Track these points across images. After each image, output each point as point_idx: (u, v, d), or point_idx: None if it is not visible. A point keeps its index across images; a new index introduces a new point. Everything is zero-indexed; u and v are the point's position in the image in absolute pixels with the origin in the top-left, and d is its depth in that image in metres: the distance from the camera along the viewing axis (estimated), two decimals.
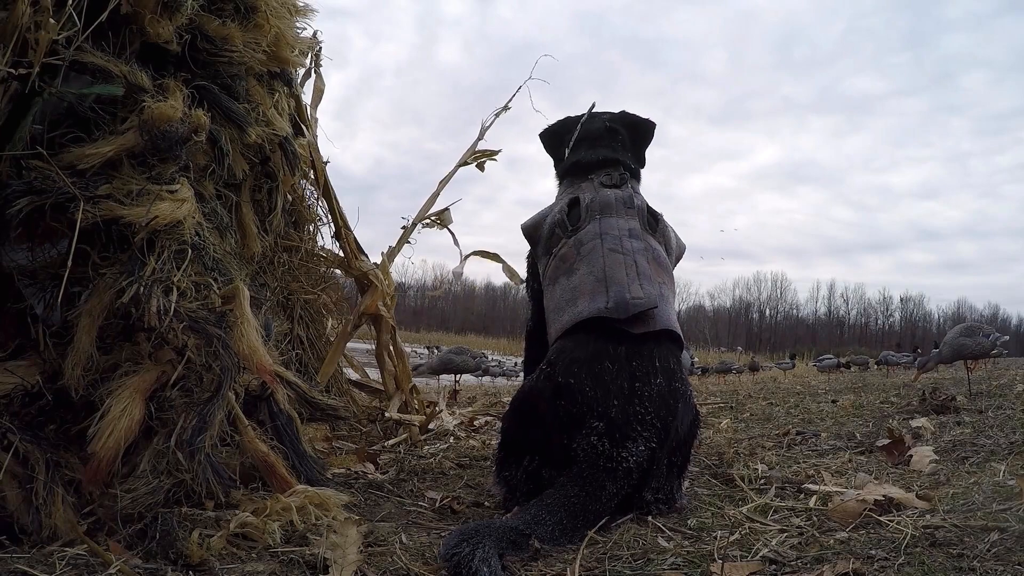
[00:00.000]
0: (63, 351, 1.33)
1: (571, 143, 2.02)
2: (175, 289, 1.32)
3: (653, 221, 1.85)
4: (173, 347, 1.35)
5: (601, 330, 1.60)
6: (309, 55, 2.69)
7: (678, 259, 1.96)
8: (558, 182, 2.10)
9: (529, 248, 2.02)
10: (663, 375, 1.57)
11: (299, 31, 2.15)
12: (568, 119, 2.13)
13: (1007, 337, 5.07)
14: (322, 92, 2.71)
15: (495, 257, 3.19)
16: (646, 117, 2.11)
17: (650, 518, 1.57)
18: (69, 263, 1.27)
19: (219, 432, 1.41)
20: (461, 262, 3.17)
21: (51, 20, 1.30)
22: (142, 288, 1.28)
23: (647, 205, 1.88)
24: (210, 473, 1.36)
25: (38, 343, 1.36)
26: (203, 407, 1.34)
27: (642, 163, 2.08)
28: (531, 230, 1.96)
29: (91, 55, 1.39)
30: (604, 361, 1.55)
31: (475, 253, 3.21)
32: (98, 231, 1.35)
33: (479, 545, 1.18)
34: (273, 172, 2.11)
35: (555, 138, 2.13)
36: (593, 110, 2.13)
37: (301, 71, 2.53)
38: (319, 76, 2.71)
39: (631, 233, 1.75)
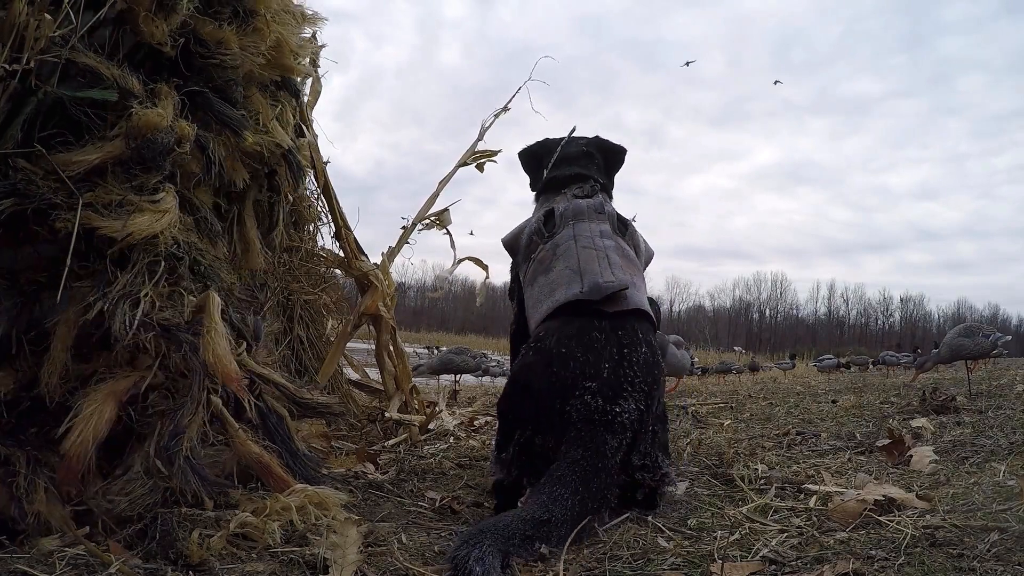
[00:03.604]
0: (39, 359, 1.33)
1: (550, 164, 2.18)
2: (142, 302, 1.33)
3: (622, 227, 1.99)
4: (148, 354, 1.36)
5: (580, 312, 1.69)
6: (308, 56, 2.69)
7: (647, 263, 2.10)
8: (535, 199, 2.25)
9: (511, 260, 2.15)
10: (647, 346, 1.66)
11: (304, 37, 2.10)
12: (547, 141, 2.29)
13: (1009, 337, 5.05)
14: (319, 93, 2.71)
15: (484, 267, 3.25)
16: (617, 143, 2.27)
17: (650, 518, 1.58)
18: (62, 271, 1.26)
19: (199, 435, 1.41)
20: (453, 265, 3.22)
21: (47, 16, 1.29)
22: (107, 305, 1.29)
23: (617, 213, 2.02)
24: (191, 477, 1.35)
25: (14, 351, 1.35)
26: (177, 411, 1.35)
27: (612, 184, 2.25)
28: (512, 242, 2.10)
29: (84, 56, 1.38)
30: (592, 332, 1.64)
31: (468, 258, 3.23)
32: (79, 239, 1.34)
33: (476, 545, 1.20)
34: (277, 185, 2.10)
35: (533, 159, 2.30)
36: (573, 135, 2.28)
37: (309, 80, 2.51)
38: (316, 78, 2.71)
39: (602, 234, 1.89)
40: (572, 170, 2.12)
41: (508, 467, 1.66)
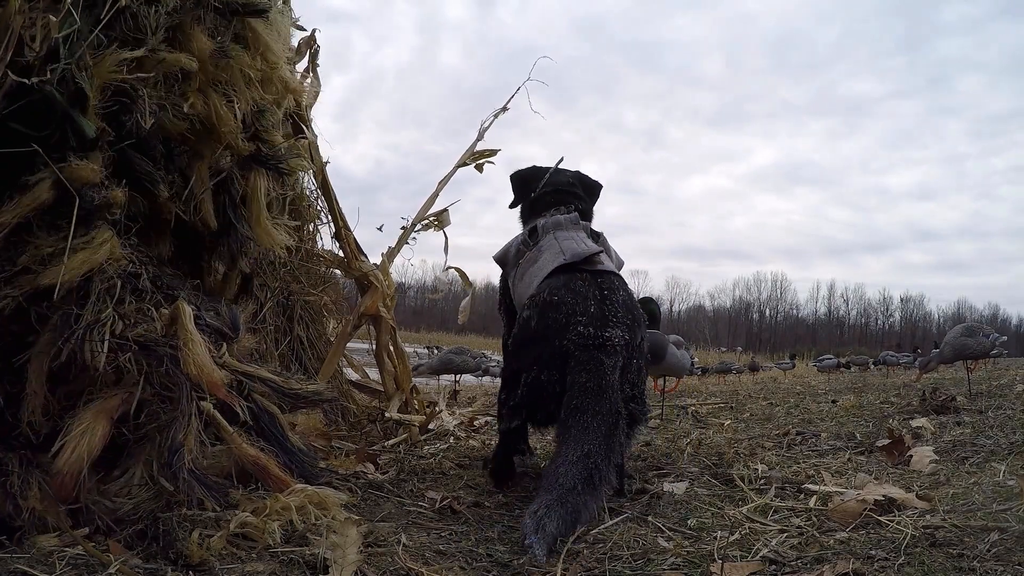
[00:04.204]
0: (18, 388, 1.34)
1: (539, 189, 2.38)
2: (109, 324, 1.34)
3: (595, 236, 2.20)
4: (132, 372, 1.36)
5: (566, 273, 1.91)
6: (306, 56, 2.70)
7: (618, 269, 2.28)
8: (521, 220, 2.43)
9: (502, 273, 2.32)
10: (623, 291, 1.89)
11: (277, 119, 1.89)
12: (536, 167, 2.49)
13: (1005, 337, 5.07)
14: (317, 93, 2.71)
15: (469, 285, 3.28)
16: (596, 179, 2.50)
17: (650, 518, 1.58)
18: None
19: (198, 444, 1.41)
20: (443, 271, 3.25)
21: (52, 19, 1.29)
22: (73, 344, 1.30)
23: (591, 228, 2.24)
24: (198, 488, 1.36)
25: None
26: (171, 426, 1.36)
27: (591, 213, 2.42)
28: (502, 256, 2.33)
29: (82, 81, 1.35)
30: (576, 281, 1.87)
31: (454, 268, 3.26)
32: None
33: (537, 507, 1.40)
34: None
35: (522, 182, 2.48)
36: (560, 164, 2.47)
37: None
38: (316, 78, 2.71)
39: (578, 236, 2.13)
40: (557, 195, 2.35)
41: (518, 410, 1.81)
